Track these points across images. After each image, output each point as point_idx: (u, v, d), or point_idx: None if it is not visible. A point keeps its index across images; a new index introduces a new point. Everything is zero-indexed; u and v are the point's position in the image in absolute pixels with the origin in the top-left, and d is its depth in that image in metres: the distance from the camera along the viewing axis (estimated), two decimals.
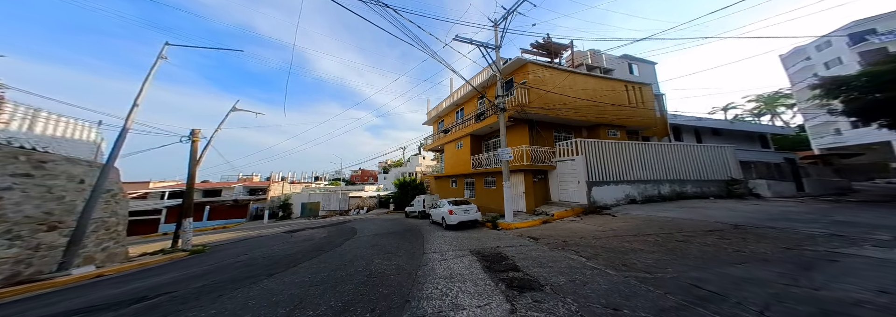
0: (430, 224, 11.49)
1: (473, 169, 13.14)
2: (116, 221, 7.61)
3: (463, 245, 6.37)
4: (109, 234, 7.34)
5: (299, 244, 8.93)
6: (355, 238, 9.18)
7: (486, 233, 8.10)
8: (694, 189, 11.06)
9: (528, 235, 6.78)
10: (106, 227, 7.25)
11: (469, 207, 9.66)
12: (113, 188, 7.68)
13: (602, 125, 11.79)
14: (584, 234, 6.20)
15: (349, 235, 10.34)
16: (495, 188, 12.64)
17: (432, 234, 8.86)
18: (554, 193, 10.69)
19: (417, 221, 13.37)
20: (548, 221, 8.51)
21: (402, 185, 20.80)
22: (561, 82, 10.62)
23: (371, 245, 7.38)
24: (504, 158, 9.00)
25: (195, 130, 10.34)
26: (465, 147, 14.15)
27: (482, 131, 13.52)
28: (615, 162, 10.20)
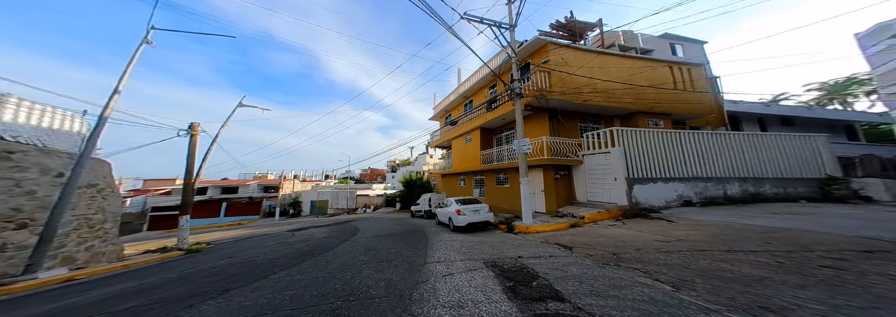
0: (435, 225, 10.42)
1: (484, 165, 11.92)
2: (103, 218, 7.04)
3: (474, 253, 5.23)
4: (94, 232, 6.76)
5: (293, 246, 8.11)
6: (353, 240, 8.25)
7: (500, 237, 6.90)
8: (774, 190, 8.94)
9: (556, 243, 5.54)
10: (90, 224, 6.67)
11: (479, 206, 8.49)
12: (99, 183, 7.12)
13: (640, 113, 9.91)
14: (639, 244, 4.83)
15: (349, 235, 9.47)
16: (509, 187, 11.36)
17: (438, 237, 7.76)
18: (580, 191, 9.24)
19: (423, 221, 12.34)
20: (577, 224, 7.19)
21: (408, 183, 19.87)
22: (588, 65, 9.12)
23: (367, 249, 6.39)
24: (521, 150, 7.73)
25: (194, 123, 9.79)
26: (475, 142, 12.95)
27: (493, 124, 12.26)
28: (663, 155, 8.41)
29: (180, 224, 9.04)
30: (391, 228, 10.69)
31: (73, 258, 6.19)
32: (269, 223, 22.60)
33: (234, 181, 35.34)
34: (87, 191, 6.72)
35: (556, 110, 9.49)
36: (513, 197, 10.77)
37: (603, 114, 10.41)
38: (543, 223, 7.48)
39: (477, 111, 12.48)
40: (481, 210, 8.37)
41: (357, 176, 50.19)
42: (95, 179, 7.01)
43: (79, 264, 6.27)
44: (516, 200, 10.58)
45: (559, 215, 8.51)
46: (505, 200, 11.29)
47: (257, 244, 9.34)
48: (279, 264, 5.43)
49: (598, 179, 8.57)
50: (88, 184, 6.76)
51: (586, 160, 9.07)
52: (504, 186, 11.68)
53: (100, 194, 7.06)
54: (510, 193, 11.07)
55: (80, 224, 6.41)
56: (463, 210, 8.26)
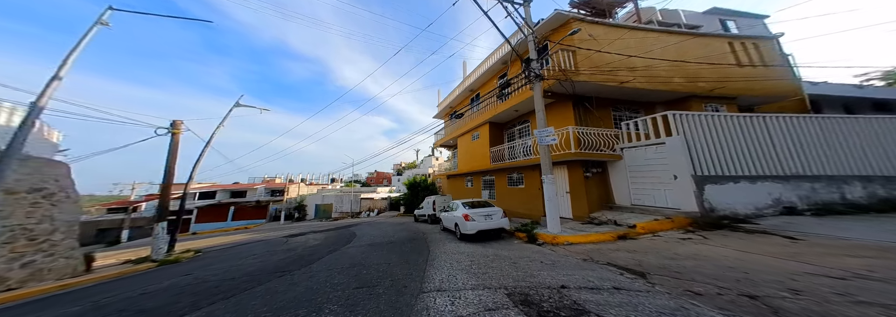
0: (440, 231, 8.91)
1: (494, 164, 10.36)
2: (51, 229, 5.89)
3: (491, 275, 3.71)
4: (36, 245, 5.60)
5: (273, 256, 6.81)
6: (343, 250, 6.83)
7: (521, 249, 5.33)
8: None
9: (610, 263, 3.91)
10: (30, 236, 5.52)
11: (492, 210, 6.94)
12: (47, 187, 6.01)
13: (693, 98, 7.90)
14: (775, 276, 2.92)
15: (342, 243, 8.11)
16: (523, 188, 9.73)
17: (442, 246, 6.25)
18: (620, 193, 7.47)
19: (427, 226, 10.84)
20: (627, 235, 5.38)
21: (411, 185, 18.44)
22: (622, 43, 7.41)
23: (352, 265, 4.95)
24: (544, 142, 6.16)
25: (177, 121, 8.72)
26: (483, 138, 11.43)
27: (504, 117, 10.72)
28: (743, 146, 6.31)
29: (155, 232, 7.86)
30: (390, 234, 9.25)
31: (3, 278, 5.01)
32: (273, 227, 21.56)
33: (243, 185, 34.91)
34: (29, 197, 5.60)
35: (582, 97, 7.84)
36: (529, 199, 9.14)
37: (641, 100, 8.51)
38: (577, 232, 5.83)
39: (485, 103, 11.02)
40: (494, 215, 6.82)
41: (363, 179, 49.32)
42: (42, 183, 5.90)
43: (11, 285, 5.09)
44: (534, 203, 8.99)
45: (593, 222, 6.78)
46: (520, 202, 9.66)
47: (241, 254, 8.16)
48: (232, 286, 4.07)
49: (647, 177, 6.74)
50: (31, 188, 5.65)
51: (627, 155, 7.26)
52: (518, 187, 10.06)
53: (47, 200, 5.94)
54: (526, 194, 9.44)
55: (14, 237, 5.26)
56: (472, 215, 6.73)
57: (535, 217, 8.63)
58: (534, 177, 9.06)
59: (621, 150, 7.44)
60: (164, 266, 7.29)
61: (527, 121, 9.97)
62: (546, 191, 6.12)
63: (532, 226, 6.67)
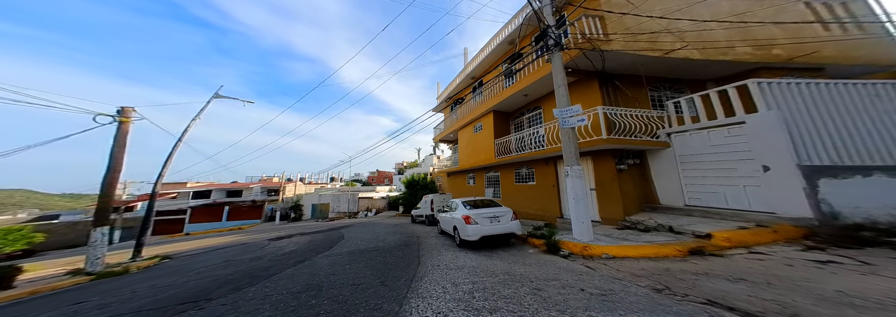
0: (437, 235, 7.46)
1: (499, 158, 8.86)
2: None
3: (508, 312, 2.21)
4: None
5: (223, 269, 5.42)
6: (313, 260, 5.40)
7: (540, 263, 3.87)
8: None
9: (708, 300, 2.35)
10: None
11: (498, 211, 5.46)
12: None
13: (762, 70, 6.04)
14: None
15: (322, 249, 6.76)
16: (534, 185, 8.22)
17: (436, 257, 4.79)
18: (667, 189, 5.83)
19: (424, 228, 9.39)
20: (702, 249, 3.64)
21: (410, 184, 16.97)
22: (664, 7, 5.71)
23: (306, 287, 3.53)
24: (568, 123, 4.66)
25: (126, 108, 7.31)
26: (487, 129, 9.95)
27: (510, 104, 9.24)
28: (873, 125, 4.43)
29: (92, 240, 6.41)
30: (381, 237, 7.82)
31: None
32: (266, 228, 20.19)
33: (238, 184, 33.70)
34: None
35: (610, 76, 6.31)
36: (542, 198, 7.62)
37: (686, 78, 6.81)
38: (618, 241, 4.28)
39: (490, 90, 9.56)
40: (502, 216, 5.33)
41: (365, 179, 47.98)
42: None
43: None
44: (547, 202, 7.42)
45: (634, 228, 5.15)
46: (530, 202, 8.14)
47: (205, 262, 7.00)
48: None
49: (711, 169, 5.13)
50: None
51: (678, 142, 5.68)
52: (527, 184, 8.55)
53: None
54: (537, 192, 7.93)
55: None
56: (474, 217, 5.26)
57: (549, 219, 7.11)
58: (547, 172, 7.57)
59: (669, 136, 5.81)
60: (102, 280, 5.88)
61: (538, 107, 8.48)
62: (571, 187, 4.61)
63: (551, 231, 5.15)
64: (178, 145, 10.77)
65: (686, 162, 5.53)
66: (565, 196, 6.88)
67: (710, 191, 5.12)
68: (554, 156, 7.05)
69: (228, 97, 13.01)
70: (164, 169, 10.29)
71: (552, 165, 7.33)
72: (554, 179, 7.24)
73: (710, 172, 5.13)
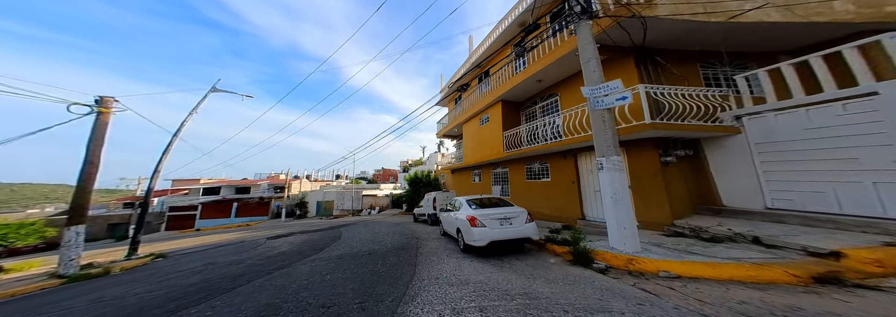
0: (440, 236, 6.61)
1: (508, 152, 7.88)
2: None
3: None
4: None
5: (205, 272, 4.72)
6: (295, 267, 4.64)
7: (568, 280, 2.95)
8: None
9: None
10: None
11: (511, 212, 4.54)
12: None
13: (866, 34, 3.97)
14: None
15: (312, 251, 6.10)
16: (548, 181, 7.21)
17: (435, 266, 3.94)
18: (734, 187, 4.63)
19: (426, 228, 8.57)
20: (833, 275, 2.39)
21: (413, 181, 16.17)
22: None
23: (265, 307, 2.67)
24: (602, 104, 3.61)
25: (105, 97, 6.69)
26: (494, 121, 8.97)
27: (521, 92, 8.22)
28: None
29: (65, 240, 5.81)
30: (378, 238, 7.05)
31: None
32: (271, 225, 19.88)
33: (247, 181, 33.89)
34: None
35: (649, 51, 5.17)
36: (558, 196, 6.61)
37: (752, 51, 5.36)
38: (679, 255, 3.16)
39: (498, 76, 8.57)
40: (514, 218, 4.40)
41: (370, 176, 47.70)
42: None
43: None
44: (565, 201, 6.33)
45: (689, 235, 4.02)
46: (545, 200, 7.14)
47: (190, 262, 6.44)
48: None
49: (813, 160, 3.85)
50: None
51: (756, 125, 4.42)
52: (541, 181, 7.53)
53: None
54: (553, 190, 6.93)
55: None
56: (480, 218, 4.37)
57: (567, 220, 6.11)
58: (565, 166, 6.55)
59: (738, 119, 4.51)
60: (71, 285, 5.27)
61: (554, 94, 7.42)
62: (607, 183, 3.60)
63: (575, 235, 4.16)
64: (174, 140, 10.27)
65: (767, 152, 4.27)
66: (588, 194, 5.87)
67: (812, 190, 3.83)
68: (574, 148, 6.04)
69: (226, 91, 12.48)
70: (160, 164, 9.80)
71: (571, 158, 6.31)
72: (573, 175, 6.22)
73: (812, 164, 3.84)
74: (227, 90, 12.38)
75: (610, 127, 3.72)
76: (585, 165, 6.03)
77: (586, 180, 5.96)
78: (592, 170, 5.80)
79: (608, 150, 3.63)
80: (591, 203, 5.79)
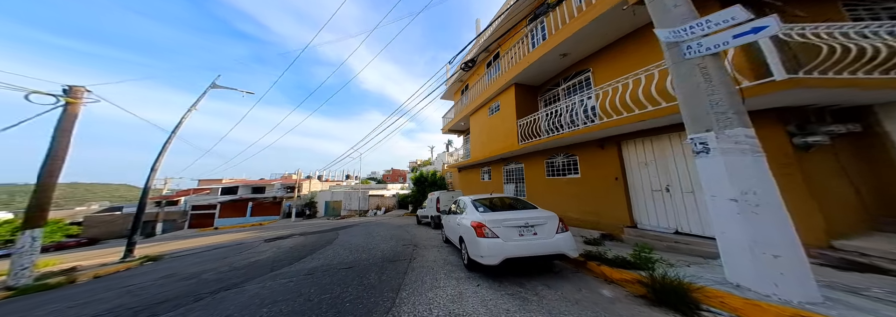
0: (442, 244, 5.35)
1: (524, 144, 6.46)
2: None
3: None
4: None
5: (151, 289, 3.67)
6: (243, 287, 3.49)
7: None
8: None
9: None
10: None
11: (534, 216, 3.15)
12: None
13: None
14: None
15: (289, 260, 5.16)
16: (578, 178, 5.69)
17: (426, 292, 2.65)
18: None
19: (428, 232, 7.34)
20: None
21: (418, 180, 14.98)
22: None
23: None
24: (701, 50, 2.17)
25: (74, 87, 6.00)
26: (506, 109, 7.57)
27: (539, 72, 6.77)
28: None
29: (18, 245, 4.99)
30: (370, 245, 5.90)
31: None
32: (280, 225, 19.47)
33: (263, 181, 34.39)
34: None
35: None
36: (592, 196, 5.10)
37: None
38: None
39: (511, 57, 7.20)
40: (539, 226, 3.03)
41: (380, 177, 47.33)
42: None
43: None
44: (603, 202, 4.73)
45: (872, 265, 2.31)
46: (574, 202, 5.63)
47: (157, 272, 5.42)
48: None
49: None
50: None
51: None
52: (566, 178, 6.02)
53: None
54: (584, 188, 5.40)
55: None
56: (491, 225, 3.05)
57: (607, 228, 4.58)
58: (602, 159, 5.03)
59: None
60: (14, 299, 4.43)
61: (584, 71, 5.88)
62: (721, 175, 2.11)
63: (642, 252, 2.68)
64: (172, 138, 9.72)
65: None
66: (641, 194, 4.31)
67: None
68: (617, 134, 4.52)
69: (226, 87, 11.98)
70: (157, 163, 9.25)
71: (613, 147, 4.77)
72: (616, 169, 4.68)
73: None
74: (226, 87, 11.88)
75: (721, 83, 2.18)
76: (635, 156, 4.45)
77: (637, 176, 4.39)
78: (647, 162, 4.24)
79: (721, 120, 2.13)
80: (645, 206, 4.23)
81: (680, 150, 3.88)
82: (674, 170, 3.91)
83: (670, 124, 3.81)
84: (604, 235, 4.27)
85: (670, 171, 3.94)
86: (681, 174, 3.84)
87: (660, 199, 4.02)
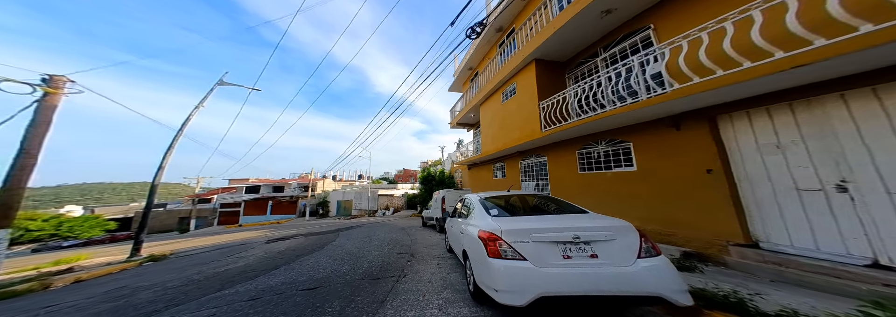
0: (444, 255, 4.08)
1: (548, 131, 4.97)
2: None
3: None
4: None
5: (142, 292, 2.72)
6: (197, 304, 2.37)
7: None
8: None
9: None
10: None
11: (587, 226, 1.68)
12: None
13: None
14: None
15: (257, 272, 4.10)
16: (633, 172, 4.11)
17: None
18: None
19: (433, 236, 6.12)
20: None
21: (425, 179, 13.78)
22: None
23: None
24: None
25: (55, 76, 5.44)
26: (525, 91, 6.12)
27: (568, 43, 5.30)
28: None
29: None
30: (360, 254, 4.82)
31: None
32: (294, 224, 19.29)
33: (283, 181, 35.26)
34: None
35: None
36: (656, 198, 3.50)
37: None
38: None
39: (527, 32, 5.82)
40: (601, 241, 1.57)
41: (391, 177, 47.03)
42: None
43: None
44: (687, 208, 2.95)
45: None
46: (626, 205, 4.06)
47: (153, 272, 5.00)
48: None
49: None
50: None
51: None
52: (613, 172, 4.45)
53: None
54: (643, 187, 3.82)
55: None
56: (511, 237, 1.64)
57: (696, 243, 2.97)
58: (675, 142, 3.46)
59: None
60: None
61: (638, 30, 4.22)
62: None
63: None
64: (179, 136, 9.37)
65: None
66: (769, 195, 2.63)
67: None
68: (706, 107, 2.95)
69: (233, 84, 11.64)
70: (164, 161, 8.89)
71: (702, 124, 3.08)
72: (707, 157, 3.04)
73: None
74: (233, 83, 11.54)
75: None
76: (751, 136, 2.70)
77: (757, 167, 2.67)
78: (782, 144, 2.49)
79: None
80: (782, 214, 2.49)
81: (879, 117, 2.04)
82: (855, 156, 2.15)
83: (838, 77, 2.12)
84: (688, 255, 2.73)
85: (847, 157, 2.18)
86: (880, 162, 2.03)
87: (820, 204, 2.30)
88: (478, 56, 9.80)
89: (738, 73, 2.28)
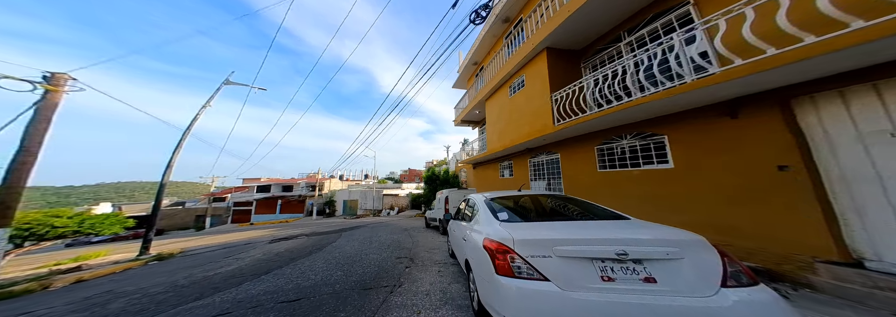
0: (446, 260, 3.64)
1: (561, 124, 4.43)
2: None
3: None
4: None
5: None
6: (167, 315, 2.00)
7: None
8: None
9: None
10: None
11: (636, 238, 1.14)
12: None
13: None
14: None
15: (245, 278, 3.74)
16: (670, 170, 3.50)
17: None
18: None
19: (436, 238, 5.69)
20: None
21: (429, 179, 13.36)
22: None
23: None
24: None
25: (57, 74, 5.33)
26: (535, 83, 5.58)
27: (586, 27, 4.74)
28: None
29: None
30: (358, 257, 4.52)
31: None
32: (301, 223, 19.37)
33: (292, 180, 35.75)
34: None
35: None
36: (701, 203, 2.85)
37: None
38: None
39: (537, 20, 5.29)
40: (660, 261, 1.04)
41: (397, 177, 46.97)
42: None
43: None
44: (741, 212, 2.32)
45: None
46: (671, 208, 3.45)
47: (148, 274, 4.85)
48: None
49: None
50: None
51: None
52: (642, 170, 3.86)
53: None
54: (681, 187, 3.23)
55: None
56: (527, 250, 1.17)
57: (758, 257, 2.35)
58: (727, 134, 2.87)
59: None
60: None
61: (671, 9, 3.60)
62: None
63: None
64: (187, 135, 9.37)
65: None
66: (878, 198, 1.94)
67: None
68: (777, 88, 2.31)
69: (239, 84, 11.61)
70: (172, 160, 8.88)
71: (773, 110, 2.42)
72: (777, 151, 2.39)
73: None
74: (238, 83, 11.51)
75: None
76: (852, 122, 2.03)
77: (862, 163, 1.97)
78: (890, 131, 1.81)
79: None
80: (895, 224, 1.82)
81: None
82: None
83: None
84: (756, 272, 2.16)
85: None
86: None
87: None
88: (483, 50, 9.30)
89: (850, 34, 1.62)
